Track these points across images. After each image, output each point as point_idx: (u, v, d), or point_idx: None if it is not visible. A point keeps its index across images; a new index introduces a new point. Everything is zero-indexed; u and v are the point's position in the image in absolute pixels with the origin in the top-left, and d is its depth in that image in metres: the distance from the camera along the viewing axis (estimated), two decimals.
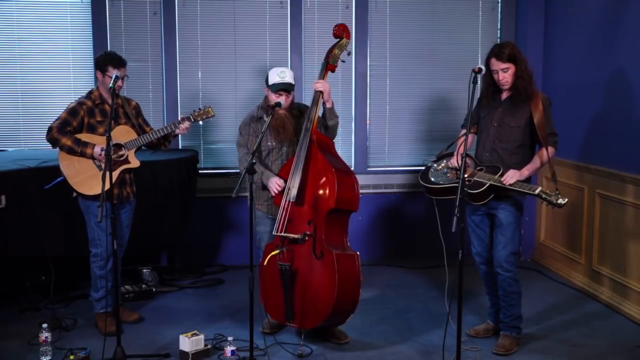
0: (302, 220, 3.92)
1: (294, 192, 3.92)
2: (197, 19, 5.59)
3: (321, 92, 4.02)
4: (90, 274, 4.25)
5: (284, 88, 4.05)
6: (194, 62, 5.63)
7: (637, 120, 4.48)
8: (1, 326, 4.35)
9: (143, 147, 4.27)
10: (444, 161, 4.09)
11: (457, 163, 3.92)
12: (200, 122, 4.30)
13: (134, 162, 4.17)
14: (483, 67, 3.62)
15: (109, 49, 5.41)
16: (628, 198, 4.55)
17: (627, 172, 4.56)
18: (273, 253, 3.87)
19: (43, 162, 4.55)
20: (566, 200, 3.63)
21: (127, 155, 4.12)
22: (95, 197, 4.03)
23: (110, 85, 3.77)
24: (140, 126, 4.30)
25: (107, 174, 3.58)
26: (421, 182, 4.10)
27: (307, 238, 3.88)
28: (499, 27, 5.88)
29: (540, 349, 4.06)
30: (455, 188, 3.84)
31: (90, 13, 5.43)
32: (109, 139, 3.59)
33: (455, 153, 4.00)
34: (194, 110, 4.22)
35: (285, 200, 3.95)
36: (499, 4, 5.91)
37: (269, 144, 4.15)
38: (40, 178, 4.41)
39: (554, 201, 3.61)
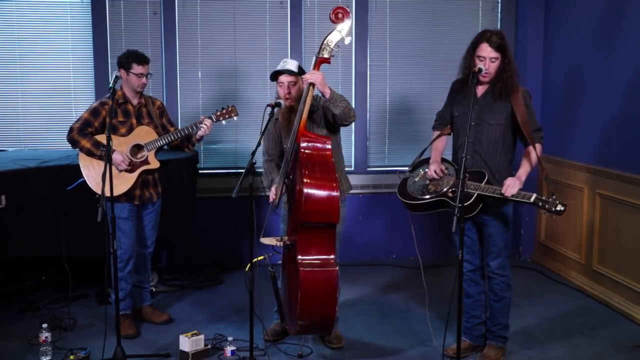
0: (291, 227, 3.80)
1: (276, 200, 3.81)
2: (197, 19, 5.59)
3: (312, 84, 3.63)
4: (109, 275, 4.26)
5: (281, 72, 3.84)
6: (194, 62, 5.63)
7: (637, 119, 4.47)
8: (1, 326, 4.35)
9: (165, 148, 4.25)
10: (421, 170, 3.85)
11: (435, 173, 3.72)
12: (223, 122, 4.17)
13: (154, 163, 4.14)
14: (483, 67, 3.52)
15: (108, 49, 5.44)
16: (628, 198, 4.54)
17: (627, 172, 4.56)
18: (257, 259, 3.71)
19: (43, 162, 4.55)
20: (565, 206, 3.34)
21: (148, 156, 4.11)
22: (116, 198, 4.00)
23: (110, 85, 3.76)
24: (164, 127, 4.27)
25: (108, 174, 3.57)
26: (400, 199, 3.83)
27: (290, 247, 3.70)
28: (499, 27, 5.87)
29: (540, 348, 4.06)
30: (438, 202, 3.69)
31: (90, 13, 5.44)
32: (108, 139, 3.58)
33: (431, 161, 3.77)
34: (217, 110, 4.16)
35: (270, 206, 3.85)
36: (499, 4, 5.91)
37: (285, 146, 3.94)
38: (41, 178, 4.42)
39: (552, 208, 3.33)
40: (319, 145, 3.65)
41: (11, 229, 4.33)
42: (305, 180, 3.50)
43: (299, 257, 3.56)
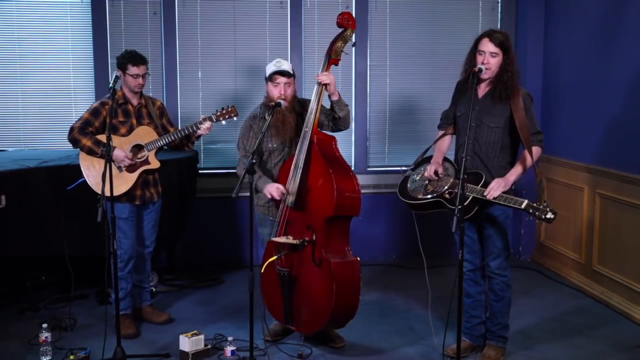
0: (301, 225, 3.83)
1: (291, 198, 3.81)
2: (197, 19, 5.59)
3: (327, 84, 3.81)
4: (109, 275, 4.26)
5: (280, 73, 3.88)
6: (194, 62, 5.63)
7: (638, 119, 4.47)
8: (1, 326, 4.35)
9: (165, 148, 4.26)
10: (422, 169, 3.86)
11: (432, 174, 3.72)
12: (223, 122, 4.19)
13: (154, 163, 4.15)
14: (483, 67, 3.53)
15: (108, 49, 5.45)
16: (628, 198, 4.54)
17: (627, 172, 4.56)
18: (271, 259, 3.80)
19: (43, 162, 4.55)
20: (555, 214, 3.31)
21: (148, 156, 4.12)
22: (116, 199, 4.00)
23: (110, 85, 3.77)
24: (164, 127, 4.28)
25: (108, 174, 3.57)
26: (400, 198, 3.86)
27: (305, 244, 3.77)
28: (499, 27, 5.86)
29: (540, 349, 4.06)
30: (436, 203, 3.70)
31: (90, 13, 5.44)
32: (109, 138, 3.58)
33: (432, 161, 3.78)
34: (217, 110, 4.16)
35: (284, 205, 3.86)
36: (499, 4, 5.91)
37: (269, 145, 4.00)
38: (41, 178, 4.43)
39: (542, 216, 3.30)
40: (331, 143, 3.87)
41: (11, 229, 4.33)
42: (333, 176, 3.66)
43: (325, 251, 3.69)
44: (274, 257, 3.81)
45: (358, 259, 3.82)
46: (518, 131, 3.56)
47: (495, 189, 3.46)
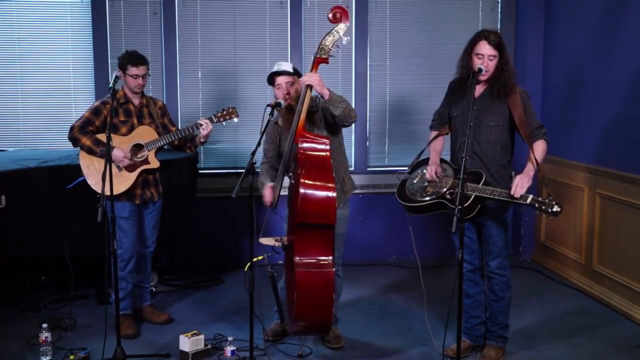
0: (289, 228, 3.80)
1: (274, 201, 3.81)
2: (197, 19, 5.59)
3: (309, 86, 3.62)
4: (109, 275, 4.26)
5: (277, 73, 3.84)
6: (194, 62, 5.63)
7: (638, 119, 4.48)
8: (1, 326, 4.35)
9: (166, 147, 4.27)
10: (419, 171, 3.83)
11: (434, 175, 3.70)
12: (224, 123, 4.19)
13: (154, 163, 4.16)
14: (483, 68, 3.51)
15: (108, 49, 5.46)
16: (628, 198, 4.54)
17: (627, 172, 4.56)
18: (255, 259, 3.71)
19: (43, 162, 4.55)
20: (562, 207, 3.32)
21: (148, 155, 4.12)
22: (117, 198, 4.00)
23: (110, 85, 3.77)
24: (166, 127, 4.29)
25: (108, 174, 3.57)
26: (399, 201, 3.85)
27: (287, 247, 3.70)
28: (499, 27, 5.87)
29: (540, 349, 4.06)
30: (437, 204, 3.68)
31: (90, 13, 5.44)
32: (108, 138, 3.58)
33: (430, 162, 3.76)
34: (217, 111, 4.17)
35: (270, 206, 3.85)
36: (499, 4, 5.91)
37: (282, 148, 3.95)
38: (41, 178, 4.42)
39: (549, 210, 3.30)
40: (317, 145, 3.63)
41: (11, 229, 4.33)
42: (302, 180, 3.50)
43: (296, 257, 3.57)
44: (259, 257, 3.76)
45: (333, 270, 3.55)
46: (518, 128, 3.56)
47: (520, 186, 3.42)
